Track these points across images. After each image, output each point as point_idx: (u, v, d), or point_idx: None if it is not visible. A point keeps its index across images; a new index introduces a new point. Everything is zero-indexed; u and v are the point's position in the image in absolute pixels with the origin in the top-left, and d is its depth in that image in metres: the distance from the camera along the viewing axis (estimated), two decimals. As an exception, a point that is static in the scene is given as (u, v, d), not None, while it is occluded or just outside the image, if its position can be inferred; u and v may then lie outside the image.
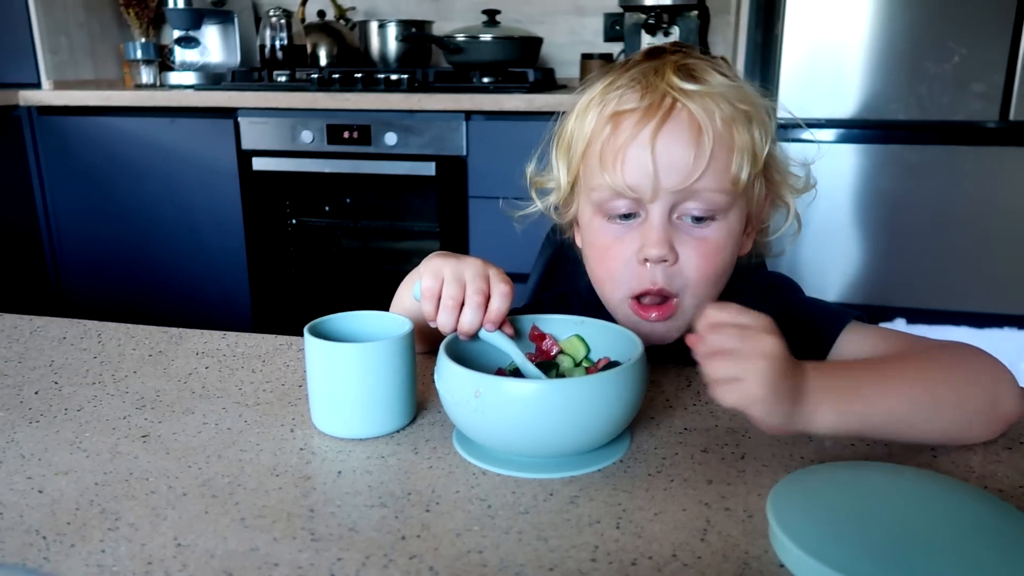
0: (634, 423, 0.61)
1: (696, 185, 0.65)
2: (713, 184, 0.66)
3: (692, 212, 0.67)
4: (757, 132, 0.67)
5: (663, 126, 0.65)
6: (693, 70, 0.67)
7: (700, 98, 0.66)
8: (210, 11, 2.51)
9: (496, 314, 0.61)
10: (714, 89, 0.66)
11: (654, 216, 0.67)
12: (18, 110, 2.38)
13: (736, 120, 0.66)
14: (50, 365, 0.76)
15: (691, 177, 0.65)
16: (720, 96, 0.66)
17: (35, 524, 0.49)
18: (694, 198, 0.66)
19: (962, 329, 1.90)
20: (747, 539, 0.47)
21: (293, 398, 0.68)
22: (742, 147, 0.66)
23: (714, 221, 0.68)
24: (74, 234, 2.46)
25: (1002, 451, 0.58)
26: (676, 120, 0.65)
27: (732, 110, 0.66)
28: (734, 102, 0.67)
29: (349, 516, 0.50)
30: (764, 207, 0.74)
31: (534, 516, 0.50)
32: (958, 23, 1.78)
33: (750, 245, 0.74)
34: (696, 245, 0.67)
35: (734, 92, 0.67)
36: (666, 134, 0.65)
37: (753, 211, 0.72)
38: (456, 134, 2.09)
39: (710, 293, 0.70)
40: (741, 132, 0.66)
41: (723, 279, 0.70)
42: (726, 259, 0.69)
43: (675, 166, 0.65)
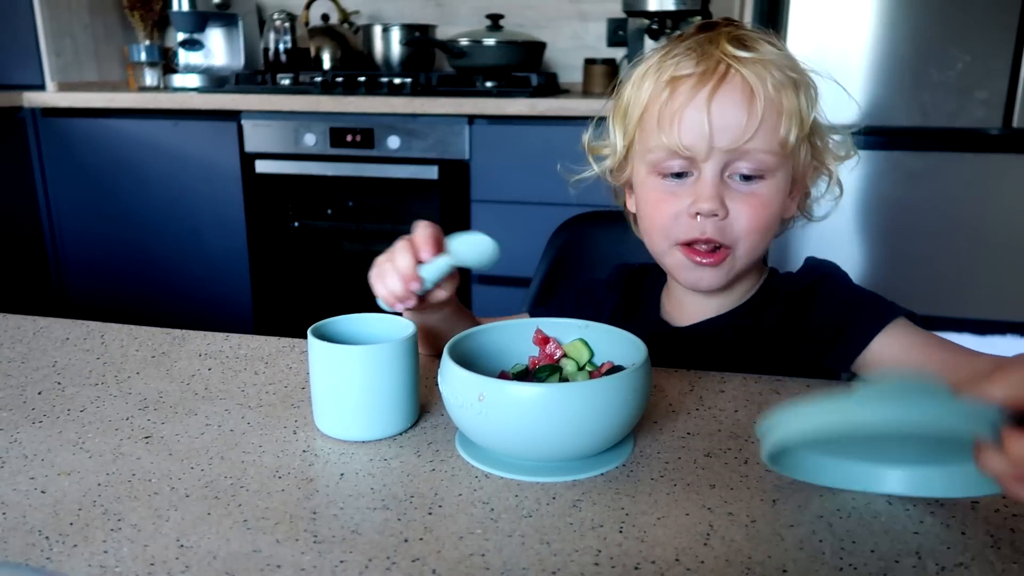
0: (637, 427, 0.61)
1: (747, 145, 0.71)
2: (763, 145, 0.71)
3: (742, 171, 0.72)
4: (804, 99, 0.73)
5: (718, 90, 0.71)
6: (745, 39, 0.73)
7: (752, 64, 0.71)
8: (214, 14, 2.52)
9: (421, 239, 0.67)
10: (765, 56, 0.72)
11: (707, 174, 0.72)
12: (22, 112, 2.39)
13: (785, 86, 0.71)
14: (53, 366, 0.76)
15: (743, 137, 0.70)
16: (771, 63, 0.71)
17: (38, 524, 0.49)
18: (745, 158, 0.71)
19: (965, 336, 1.90)
20: (750, 544, 0.47)
21: (296, 400, 0.68)
22: (791, 111, 0.71)
23: (763, 180, 0.73)
24: (77, 235, 2.47)
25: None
26: (730, 84, 0.71)
27: (782, 76, 0.71)
28: (784, 69, 0.72)
29: (352, 518, 0.50)
30: (808, 171, 0.77)
31: (537, 520, 0.50)
32: (961, 30, 1.79)
33: (795, 208, 0.79)
34: (746, 199, 0.73)
35: (784, 60, 0.72)
36: (720, 97, 0.70)
37: (799, 174, 0.76)
38: (459, 138, 2.09)
39: (759, 246, 0.75)
40: (790, 97, 0.71)
41: (770, 234, 0.75)
42: (773, 215, 0.74)
43: (729, 127, 0.70)
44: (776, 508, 0.51)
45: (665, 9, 2.09)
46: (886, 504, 0.51)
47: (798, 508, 0.51)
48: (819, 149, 0.77)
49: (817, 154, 0.77)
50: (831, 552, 0.46)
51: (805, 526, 0.49)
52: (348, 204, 2.32)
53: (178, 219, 2.36)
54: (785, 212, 0.77)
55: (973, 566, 0.45)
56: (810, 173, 0.78)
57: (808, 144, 0.75)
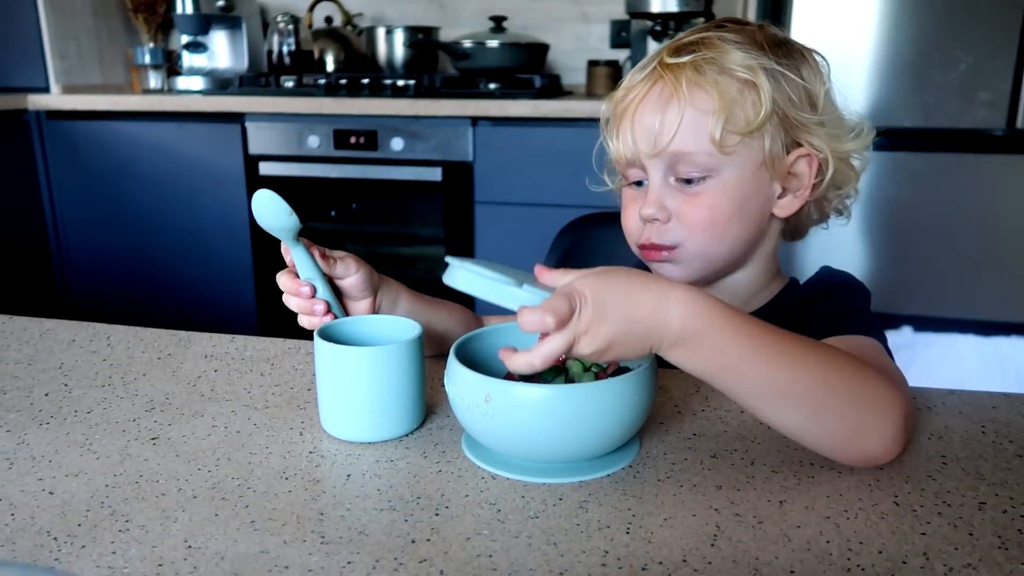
0: (643, 428, 0.61)
1: (673, 148, 0.71)
2: (692, 146, 0.71)
3: (681, 174, 0.73)
4: (760, 97, 0.70)
5: (643, 99, 0.73)
6: (694, 45, 0.73)
7: (682, 70, 0.71)
8: (218, 17, 2.52)
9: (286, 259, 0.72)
10: (702, 57, 0.71)
11: (651, 179, 0.74)
12: (27, 114, 2.39)
13: (719, 84, 0.70)
14: (60, 367, 0.76)
15: (661, 141, 0.71)
16: (708, 63, 0.71)
17: (46, 525, 0.49)
18: (682, 161, 0.72)
19: (968, 337, 1.89)
20: (757, 545, 0.47)
21: (302, 401, 0.68)
22: (718, 109, 0.70)
23: (706, 180, 0.72)
24: (81, 237, 2.47)
25: (1013, 458, 0.58)
26: (653, 91, 0.73)
27: (717, 76, 0.70)
28: (731, 69, 0.70)
29: (359, 519, 0.50)
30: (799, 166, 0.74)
31: (543, 521, 0.50)
32: (964, 31, 1.79)
33: (797, 205, 0.76)
34: (687, 200, 0.73)
35: (739, 59, 0.71)
36: (643, 105, 0.73)
37: (778, 172, 0.73)
38: (462, 140, 2.09)
39: (711, 245, 0.74)
40: (722, 95, 0.70)
41: (727, 231, 0.74)
42: (723, 212, 0.73)
43: (647, 132, 0.72)
44: (783, 509, 0.51)
45: (668, 11, 2.09)
46: (893, 504, 0.51)
47: (805, 509, 0.51)
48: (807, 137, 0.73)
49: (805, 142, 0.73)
50: (838, 553, 0.46)
51: (812, 527, 0.49)
52: (352, 206, 2.32)
53: (182, 221, 2.36)
54: (782, 211, 0.75)
55: (981, 567, 0.45)
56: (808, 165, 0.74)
57: (781, 134, 0.72)
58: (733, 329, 0.53)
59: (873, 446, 0.54)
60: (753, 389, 0.54)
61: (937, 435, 0.61)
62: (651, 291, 0.53)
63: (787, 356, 0.54)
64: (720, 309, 0.54)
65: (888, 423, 0.54)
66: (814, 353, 0.55)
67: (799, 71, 0.73)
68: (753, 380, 0.53)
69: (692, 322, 0.52)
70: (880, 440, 0.54)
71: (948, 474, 0.55)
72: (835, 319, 0.69)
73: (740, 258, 0.77)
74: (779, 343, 0.54)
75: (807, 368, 0.54)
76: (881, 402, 0.54)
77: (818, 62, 0.76)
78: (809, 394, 0.53)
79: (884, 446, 0.54)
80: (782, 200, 0.75)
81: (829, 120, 0.74)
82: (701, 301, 0.53)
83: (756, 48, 0.72)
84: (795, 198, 0.76)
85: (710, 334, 0.53)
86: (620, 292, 0.53)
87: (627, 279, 0.54)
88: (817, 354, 0.55)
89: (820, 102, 0.74)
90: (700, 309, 0.53)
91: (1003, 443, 0.60)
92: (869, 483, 0.54)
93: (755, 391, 0.54)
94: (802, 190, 0.75)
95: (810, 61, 0.75)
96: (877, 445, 0.54)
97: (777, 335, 0.54)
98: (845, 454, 0.55)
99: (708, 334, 0.53)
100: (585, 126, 2.03)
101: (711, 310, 0.53)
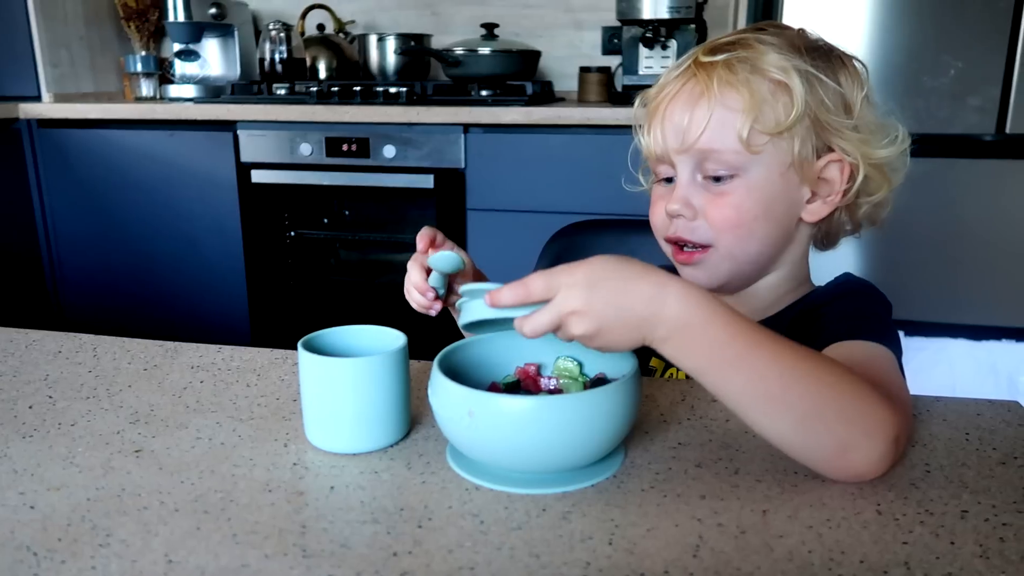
0: (629, 437, 0.61)
1: (701, 144, 0.72)
2: (720, 144, 0.72)
3: (708, 172, 0.73)
4: (792, 98, 0.70)
5: (675, 96, 0.74)
6: (731, 45, 0.73)
7: (714, 68, 0.72)
8: (210, 25, 2.52)
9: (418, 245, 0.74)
10: (736, 57, 0.71)
11: (679, 176, 0.75)
12: (18, 123, 2.39)
13: (750, 83, 0.70)
14: (45, 379, 0.76)
15: (689, 138, 0.72)
16: (740, 62, 0.71)
17: (26, 540, 0.49)
18: (710, 158, 0.72)
19: (960, 341, 1.90)
20: (740, 555, 0.47)
21: (287, 412, 0.68)
22: (748, 108, 0.70)
23: (733, 179, 0.73)
24: (73, 246, 2.47)
25: (996, 466, 0.58)
26: (684, 89, 0.74)
27: (750, 75, 0.71)
28: (765, 70, 0.71)
29: (341, 532, 0.50)
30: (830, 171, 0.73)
31: (526, 532, 0.50)
32: (954, 37, 1.79)
33: (826, 211, 0.75)
34: (713, 199, 0.74)
35: (775, 61, 0.71)
36: (674, 102, 0.74)
37: (808, 176, 0.73)
38: (454, 147, 2.09)
39: (740, 246, 0.74)
40: (753, 94, 0.70)
41: (753, 232, 0.74)
42: (748, 212, 0.73)
43: (676, 128, 0.74)
44: (766, 518, 0.51)
45: (659, 18, 2.10)
46: (875, 514, 0.51)
47: (788, 518, 0.51)
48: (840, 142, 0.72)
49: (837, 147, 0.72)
50: (820, 563, 0.46)
51: (795, 536, 0.49)
52: (344, 213, 2.32)
53: (174, 229, 2.36)
54: (810, 215, 0.75)
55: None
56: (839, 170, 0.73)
57: (813, 138, 0.72)
58: (728, 327, 0.53)
59: (859, 463, 0.54)
60: (742, 391, 0.54)
61: (921, 443, 0.61)
62: (649, 280, 0.54)
63: (781, 362, 0.53)
64: (717, 305, 0.54)
65: (877, 441, 0.54)
66: (810, 363, 0.54)
67: (836, 76, 0.73)
68: (743, 381, 0.53)
69: (688, 315, 0.53)
70: (867, 458, 0.54)
71: (931, 482, 0.55)
72: (852, 322, 0.69)
73: (767, 263, 0.77)
74: (774, 347, 0.54)
75: (800, 376, 0.53)
76: (873, 419, 0.54)
77: (857, 68, 0.76)
78: (799, 402, 0.53)
79: (871, 464, 0.54)
80: (811, 205, 0.75)
81: (863, 126, 0.73)
82: (698, 295, 0.54)
83: (793, 51, 0.72)
84: (824, 204, 0.75)
85: (705, 329, 0.53)
86: (616, 277, 0.54)
87: (625, 265, 0.54)
88: (813, 364, 0.54)
89: (856, 108, 0.73)
90: (697, 302, 0.53)
91: (987, 451, 0.60)
92: (852, 492, 0.54)
93: (744, 393, 0.54)
94: (832, 196, 0.74)
95: (849, 67, 0.75)
96: (864, 462, 0.54)
97: (773, 340, 0.54)
98: (830, 468, 0.55)
99: (703, 328, 0.53)
100: (577, 132, 2.03)
101: (708, 305, 0.53)
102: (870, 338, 0.65)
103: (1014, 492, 0.54)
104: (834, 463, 0.54)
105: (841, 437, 0.54)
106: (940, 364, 1.88)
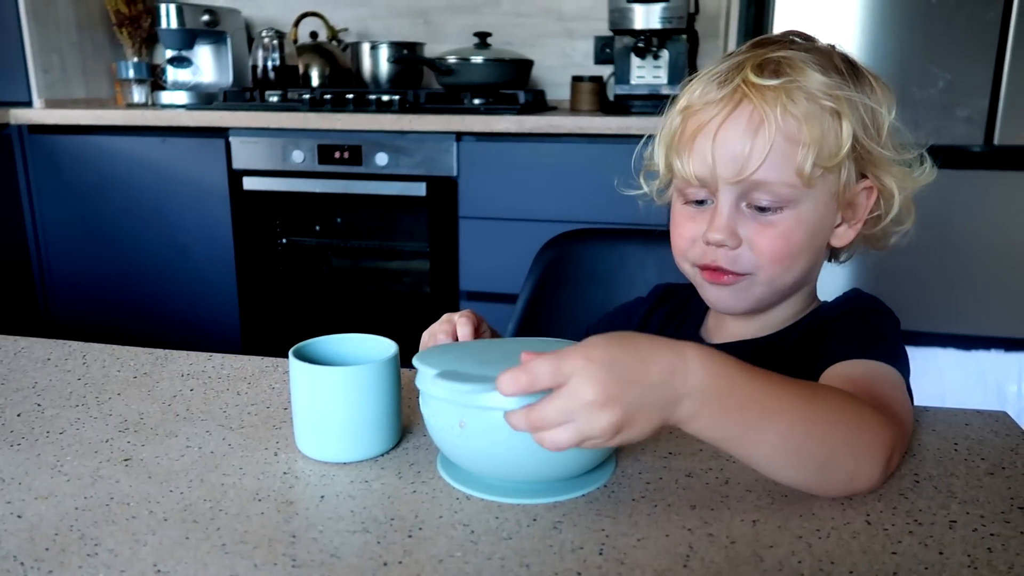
0: (619, 447, 0.61)
1: (756, 176, 0.68)
2: (775, 176, 0.68)
3: (757, 202, 0.70)
4: (842, 127, 0.68)
5: (727, 119, 0.69)
6: (778, 64, 0.69)
7: (772, 92, 0.68)
8: (203, 31, 2.52)
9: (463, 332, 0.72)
10: (793, 83, 0.68)
11: (721, 204, 0.71)
12: (9, 128, 2.38)
13: (810, 115, 0.67)
14: (33, 387, 0.75)
15: (748, 169, 0.68)
16: (799, 90, 0.68)
17: (13, 550, 0.49)
18: (760, 189, 0.69)
19: (949, 351, 1.91)
20: (729, 565, 0.47)
21: (278, 421, 0.68)
22: (810, 142, 0.67)
23: (782, 211, 0.70)
24: (64, 253, 2.46)
25: (984, 476, 0.58)
26: (739, 113, 0.69)
27: (808, 105, 0.67)
28: (817, 96, 0.68)
29: (331, 542, 0.50)
30: (860, 198, 0.73)
31: (517, 542, 0.50)
32: (942, 49, 1.81)
33: (851, 236, 0.74)
34: (761, 230, 0.70)
35: (822, 86, 0.68)
36: (728, 127, 0.69)
37: (843, 202, 0.72)
38: (447, 155, 2.10)
39: (782, 276, 0.72)
40: (813, 126, 0.67)
41: (797, 263, 0.72)
42: (796, 244, 0.71)
43: (733, 157, 0.69)
44: (756, 528, 0.51)
45: (651, 28, 2.11)
46: (865, 524, 0.51)
47: (778, 528, 0.51)
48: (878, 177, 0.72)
49: (878, 181, 0.72)
50: (810, 573, 0.46)
51: (784, 547, 0.49)
52: (336, 221, 2.31)
53: (166, 236, 2.35)
54: (837, 240, 0.74)
55: (950, 586, 0.45)
56: (868, 201, 0.73)
57: (853, 165, 0.71)
58: (748, 384, 0.52)
59: (861, 484, 0.55)
60: (775, 447, 0.52)
61: (910, 453, 0.62)
62: (665, 351, 0.49)
63: (799, 409, 0.53)
64: (732, 362, 0.52)
65: (877, 464, 0.55)
66: (820, 403, 0.54)
67: (868, 99, 0.72)
68: (775, 438, 0.52)
69: (713, 381, 0.50)
70: (868, 479, 0.55)
71: (920, 492, 0.56)
72: (858, 341, 0.68)
73: (797, 288, 0.76)
74: (790, 394, 0.53)
75: (817, 420, 0.53)
76: (874, 444, 0.55)
77: (886, 89, 0.73)
78: (819, 448, 0.53)
79: (870, 484, 0.55)
80: (839, 229, 0.74)
81: (899, 156, 0.73)
82: (718, 358, 0.51)
83: (836, 73, 0.70)
84: (850, 228, 0.74)
85: (731, 392, 0.51)
86: (631, 353, 0.48)
87: (633, 339, 0.49)
88: (823, 404, 0.55)
89: (884, 133, 0.72)
90: (716, 366, 0.50)
91: (975, 461, 0.60)
92: (842, 502, 0.54)
93: (777, 449, 0.52)
94: (856, 221, 0.74)
95: (878, 89, 0.73)
96: (865, 483, 0.55)
97: (786, 385, 0.53)
98: (836, 494, 0.55)
99: (728, 392, 0.51)
100: (569, 141, 2.04)
101: (726, 365, 0.51)
102: (877, 358, 0.65)
103: (1002, 502, 0.54)
104: (843, 490, 0.55)
105: (851, 468, 0.54)
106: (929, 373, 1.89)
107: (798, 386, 0.54)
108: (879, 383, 0.62)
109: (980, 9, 1.77)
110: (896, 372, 0.64)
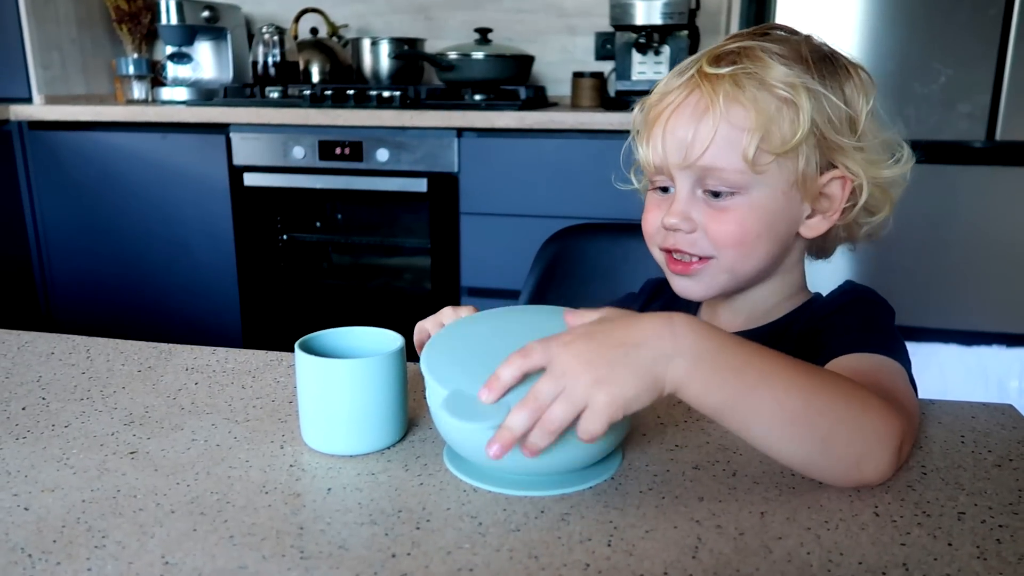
0: (626, 440, 0.61)
1: (704, 162, 0.70)
2: (724, 163, 0.70)
3: (709, 187, 0.72)
4: (798, 116, 0.68)
5: (678, 107, 0.72)
6: (735, 55, 0.71)
7: (720, 80, 0.69)
8: (203, 27, 2.52)
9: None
10: (744, 71, 0.69)
11: (679, 189, 0.73)
12: (9, 124, 2.38)
13: (759, 102, 0.68)
14: (38, 381, 0.75)
15: (692, 155, 0.70)
16: (748, 78, 0.69)
17: (20, 542, 0.48)
18: (711, 175, 0.71)
19: (951, 347, 1.91)
20: (738, 557, 0.47)
21: (283, 414, 0.68)
22: (755, 128, 0.68)
23: (735, 196, 0.71)
24: (64, 249, 2.45)
25: (992, 468, 0.58)
26: (688, 101, 0.71)
27: (757, 92, 0.68)
28: (771, 85, 0.68)
29: (339, 534, 0.49)
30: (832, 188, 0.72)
31: (525, 534, 0.50)
32: (944, 44, 1.81)
33: (824, 227, 0.74)
34: (714, 215, 0.72)
35: (780, 75, 0.68)
36: (677, 114, 0.72)
37: (809, 192, 0.72)
38: (448, 151, 2.09)
39: (742, 261, 0.73)
40: (760, 114, 0.68)
41: (755, 249, 0.73)
42: (750, 230, 0.72)
43: (679, 143, 0.71)
44: (764, 520, 0.51)
45: (652, 23, 2.11)
46: (873, 515, 0.51)
47: (786, 520, 0.51)
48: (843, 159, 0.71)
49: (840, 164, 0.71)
50: (819, 564, 0.46)
51: (793, 538, 0.49)
52: (337, 217, 2.31)
53: (166, 232, 2.35)
54: (809, 231, 0.74)
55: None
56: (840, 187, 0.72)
57: (816, 154, 0.70)
58: (740, 349, 0.52)
59: (870, 473, 0.54)
60: (771, 416, 0.52)
61: (917, 445, 0.62)
62: (650, 318, 0.52)
63: (796, 379, 0.53)
64: (727, 333, 0.53)
65: (886, 451, 0.54)
66: (818, 377, 0.54)
67: (842, 89, 0.71)
68: (770, 405, 0.52)
69: (702, 343, 0.51)
70: (877, 467, 0.54)
71: (928, 484, 0.56)
72: (856, 334, 0.68)
73: (764, 276, 0.77)
74: (784, 364, 0.53)
75: (815, 391, 0.53)
76: (882, 429, 0.54)
77: (863, 80, 0.73)
78: (820, 420, 0.53)
79: (880, 473, 0.55)
80: (810, 221, 0.74)
81: (869, 145, 0.72)
82: (708, 325, 0.52)
83: (800, 63, 0.70)
84: (824, 220, 0.74)
85: (723, 352, 0.51)
86: (615, 322, 0.52)
87: (622, 313, 0.53)
88: (822, 378, 0.55)
89: (861, 123, 0.71)
90: (709, 330, 0.52)
91: (982, 453, 0.60)
92: (850, 494, 0.54)
93: (773, 418, 0.52)
94: (831, 212, 0.73)
95: (855, 78, 0.73)
96: (874, 472, 0.54)
97: (779, 356, 0.54)
98: (845, 481, 0.55)
99: (721, 352, 0.51)
100: (570, 137, 2.04)
101: (718, 332, 0.52)
102: (876, 350, 0.65)
103: (1010, 494, 0.54)
104: (850, 476, 0.54)
105: (857, 450, 0.54)
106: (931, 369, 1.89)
107: (794, 360, 0.54)
108: (883, 375, 0.62)
109: (982, 5, 1.77)
110: (897, 364, 0.65)
